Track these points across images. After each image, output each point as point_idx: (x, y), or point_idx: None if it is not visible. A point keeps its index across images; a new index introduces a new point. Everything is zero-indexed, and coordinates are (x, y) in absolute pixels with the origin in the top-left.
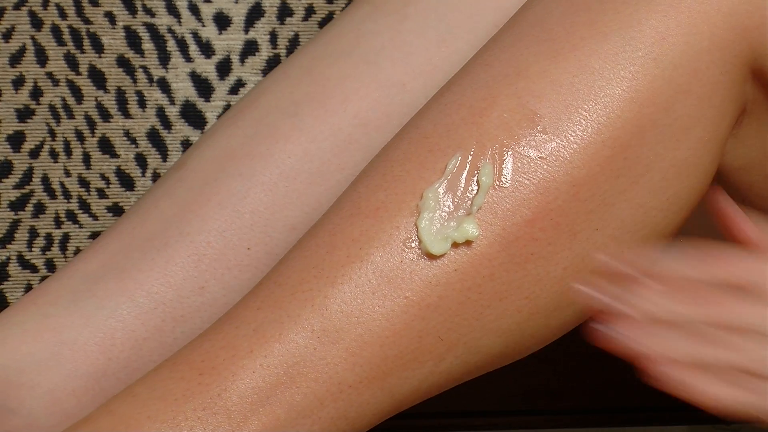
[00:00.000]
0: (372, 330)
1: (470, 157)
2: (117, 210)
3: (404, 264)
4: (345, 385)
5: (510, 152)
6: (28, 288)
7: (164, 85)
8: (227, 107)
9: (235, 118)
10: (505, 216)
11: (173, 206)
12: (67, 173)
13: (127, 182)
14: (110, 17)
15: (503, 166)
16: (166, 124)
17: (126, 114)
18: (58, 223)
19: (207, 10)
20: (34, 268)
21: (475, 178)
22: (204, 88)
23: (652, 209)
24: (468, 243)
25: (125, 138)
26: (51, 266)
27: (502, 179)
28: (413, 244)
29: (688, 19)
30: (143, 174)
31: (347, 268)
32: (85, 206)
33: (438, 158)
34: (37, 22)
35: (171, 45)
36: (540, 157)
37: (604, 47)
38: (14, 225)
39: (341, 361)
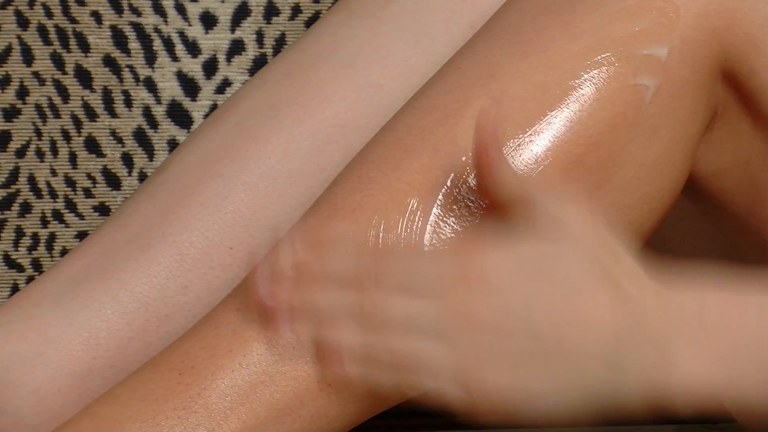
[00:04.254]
0: None
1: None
2: (103, 210)
3: None
4: (324, 383)
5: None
6: (15, 288)
7: (150, 85)
8: (214, 107)
9: (216, 123)
10: (481, 215)
11: (155, 208)
12: (54, 173)
13: (113, 182)
14: (96, 17)
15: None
16: (153, 123)
17: (112, 113)
18: (44, 222)
19: (193, 10)
20: (20, 268)
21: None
22: (190, 87)
23: (625, 207)
24: None
25: (111, 137)
26: (37, 266)
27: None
28: None
29: (658, 19)
30: (129, 173)
31: None
32: (71, 206)
33: (413, 159)
34: (23, 22)
35: (157, 44)
36: (514, 156)
37: (575, 47)
38: (0, 225)
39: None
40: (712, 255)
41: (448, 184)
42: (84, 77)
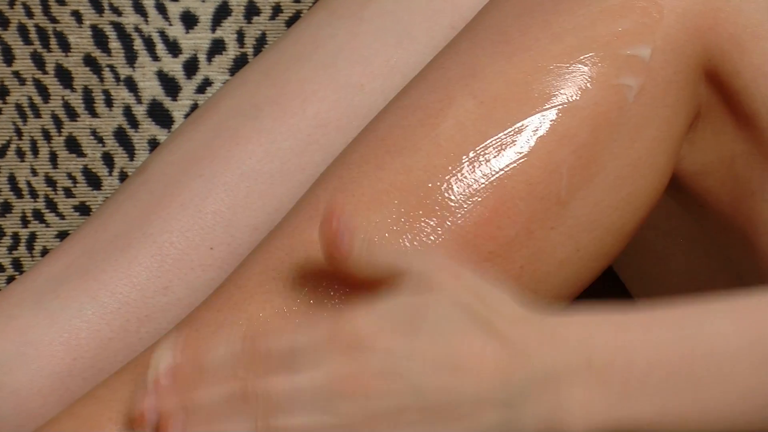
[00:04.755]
0: None
1: None
2: (84, 209)
3: None
4: None
5: (468, 151)
6: None
7: (131, 84)
8: (195, 106)
9: (196, 123)
10: (463, 215)
11: (136, 209)
12: (34, 172)
13: (94, 181)
14: (77, 16)
15: (459, 164)
16: (133, 123)
17: (93, 113)
18: (24, 222)
19: (174, 9)
20: (0, 268)
21: None
22: (171, 87)
23: (608, 207)
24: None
25: (92, 137)
26: (18, 266)
27: (459, 176)
28: None
29: (641, 19)
30: (110, 173)
31: (306, 270)
32: (51, 205)
33: (395, 158)
34: (3, 21)
35: (138, 44)
36: (496, 156)
37: (559, 47)
38: None
39: None
40: (694, 255)
41: (430, 185)
42: (64, 77)
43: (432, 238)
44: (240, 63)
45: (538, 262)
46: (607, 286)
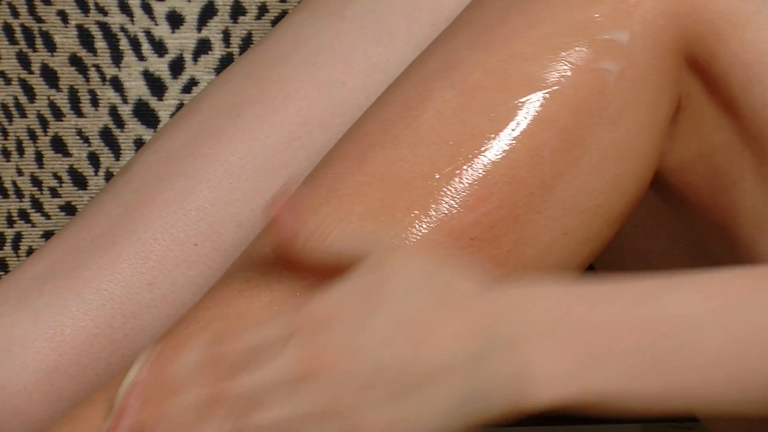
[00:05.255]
0: None
1: None
2: (70, 209)
3: None
4: None
5: (449, 140)
6: None
7: (117, 84)
8: (180, 106)
9: (179, 123)
10: (447, 202)
11: (119, 207)
12: (20, 172)
13: (79, 181)
14: (62, 16)
15: (441, 153)
16: (119, 123)
17: (78, 113)
18: (10, 222)
19: (160, 9)
20: None
21: None
22: (157, 86)
23: (593, 191)
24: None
25: (78, 137)
26: (3, 265)
27: (441, 165)
28: None
29: (618, 5)
30: (96, 173)
31: (293, 264)
32: (37, 205)
33: (377, 152)
34: None
35: (124, 44)
36: (478, 143)
37: (536, 34)
38: None
39: None
40: (675, 253)
41: (412, 175)
42: (50, 77)
43: (416, 226)
44: (226, 63)
45: (526, 245)
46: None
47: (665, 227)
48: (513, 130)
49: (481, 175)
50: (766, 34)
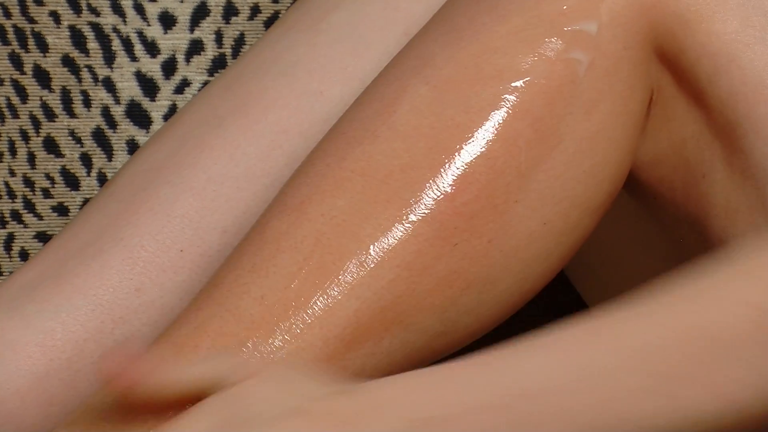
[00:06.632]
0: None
1: None
2: (62, 210)
3: None
4: None
5: (425, 133)
6: None
7: (109, 85)
8: (173, 107)
9: (162, 136)
10: (426, 193)
11: (106, 217)
12: (12, 173)
13: (72, 182)
14: (55, 16)
15: (418, 146)
16: (112, 123)
17: (71, 114)
18: (2, 223)
19: (152, 10)
20: None
21: None
22: (149, 87)
23: (570, 180)
24: None
25: (70, 138)
26: None
27: (419, 157)
28: None
29: None
30: (88, 174)
31: (278, 258)
32: (29, 206)
33: (355, 148)
34: None
35: (116, 44)
36: (453, 135)
37: (506, 27)
38: None
39: (284, 347)
40: (649, 258)
41: (391, 168)
42: (42, 77)
43: (397, 218)
44: (218, 63)
45: (506, 236)
46: (561, 294)
47: (638, 234)
48: (487, 120)
49: (458, 166)
50: (731, 24)
